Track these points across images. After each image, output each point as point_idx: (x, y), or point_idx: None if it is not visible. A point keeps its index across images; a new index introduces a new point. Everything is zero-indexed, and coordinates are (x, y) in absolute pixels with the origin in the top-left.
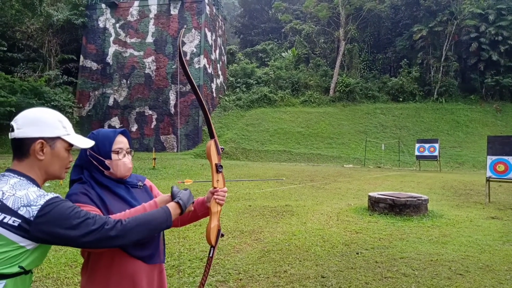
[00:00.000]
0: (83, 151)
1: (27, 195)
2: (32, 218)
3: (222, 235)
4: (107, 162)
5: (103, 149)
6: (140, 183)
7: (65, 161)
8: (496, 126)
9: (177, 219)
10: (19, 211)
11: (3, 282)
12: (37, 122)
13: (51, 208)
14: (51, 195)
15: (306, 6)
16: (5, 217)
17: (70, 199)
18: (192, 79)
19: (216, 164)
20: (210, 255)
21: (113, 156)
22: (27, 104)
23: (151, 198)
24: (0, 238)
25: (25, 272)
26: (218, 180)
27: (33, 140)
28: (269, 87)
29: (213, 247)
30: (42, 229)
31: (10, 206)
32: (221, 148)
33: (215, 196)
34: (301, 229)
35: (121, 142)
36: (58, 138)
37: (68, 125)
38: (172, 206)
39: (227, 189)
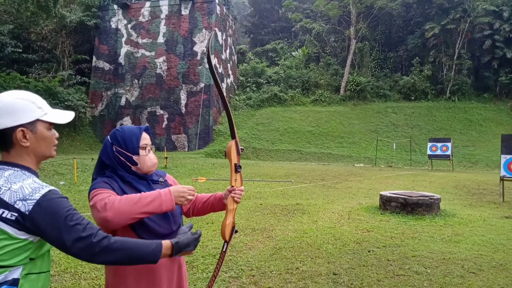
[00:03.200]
0: (109, 147)
1: (22, 189)
2: (27, 212)
3: (236, 231)
4: (134, 157)
5: (131, 145)
6: (161, 179)
7: (51, 140)
8: (510, 124)
9: (190, 209)
10: (15, 205)
11: (20, 267)
12: (11, 110)
13: (46, 204)
14: (46, 188)
15: (317, 5)
16: (3, 212)
17: (94, 187)
18: (219, 83)
19: (235, 164)
20: (224, 250)
21: (141, 152)
22: None
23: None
24: (2, 232)
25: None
26: (236, 179)
27: (13, 129)
28: (279, 86)
29: (226, 242)
30: (35, 223)
31: (7, 200)
32: (241, 149)
33: (232, 195)
34: (312, 227)
35: (145, 138)
36: (37, 120)
37: (43, 103)
38: (166, 245)
39: (243, 188)
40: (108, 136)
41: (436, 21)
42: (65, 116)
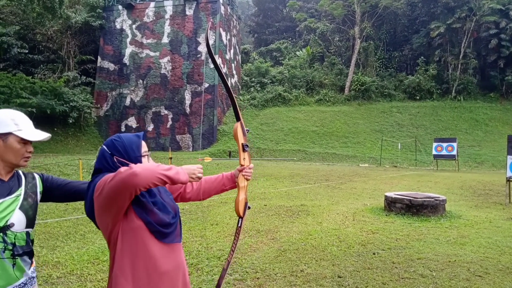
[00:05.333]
0: (109, 158)
1: None
2: None
3: (249, 207)
4: None
5: (133, 154)
6: None
7: (19, 152)
8: None
9: (201, 191)
10: None
11: None
12: None
13: None
14: None
15: (321, 5)
16: None
17: (103, 175)
18: (221, 70)
19: (242, 144)
20: (239, 225)
21: (143, 160)
22: (47, 105)
23: (165, 189)
24: None
25: None
26: (244, 158)
27: None
28: (283, 86)
29: (241, 217)
30: None
31: None
32: (247, 130)
33: (243, 173)
34: (317, 228)
35: (144, 146)
36: (10, 133)
37: (22, 122)
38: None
39: (253, 166)
40: (105, 146)
41: (442, 20)
42: (37, 135)
